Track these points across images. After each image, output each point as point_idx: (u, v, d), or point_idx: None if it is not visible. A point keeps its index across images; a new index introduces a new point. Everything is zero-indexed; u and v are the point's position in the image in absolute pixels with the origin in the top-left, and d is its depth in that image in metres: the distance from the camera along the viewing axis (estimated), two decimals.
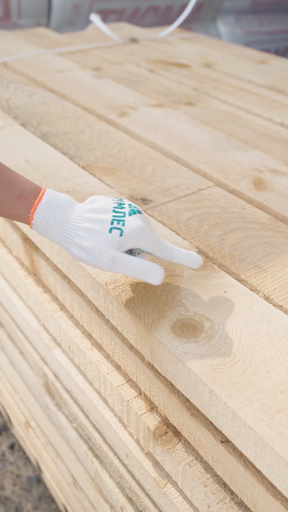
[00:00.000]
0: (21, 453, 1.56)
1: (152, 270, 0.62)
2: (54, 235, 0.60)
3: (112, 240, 0.60)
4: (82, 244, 0.59)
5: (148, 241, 0.62)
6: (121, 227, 0.60)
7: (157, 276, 0.62)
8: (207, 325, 0.63)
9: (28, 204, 0.60)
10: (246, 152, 1.05)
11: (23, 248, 0.94)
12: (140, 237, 0.61)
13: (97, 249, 0.59)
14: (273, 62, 1.66)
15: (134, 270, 0.61)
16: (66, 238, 0.60)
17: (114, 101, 1.29)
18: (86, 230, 0.60)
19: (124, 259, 0.60)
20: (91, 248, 0.59)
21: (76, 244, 0.60)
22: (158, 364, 0.63)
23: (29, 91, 1.36)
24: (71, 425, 0.97)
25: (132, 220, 0.61)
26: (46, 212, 0.60)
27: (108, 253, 0.60)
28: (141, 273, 0.61)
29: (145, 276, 0.62)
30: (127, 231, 0.61)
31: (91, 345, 0.83)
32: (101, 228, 0.60)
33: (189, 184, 0.93)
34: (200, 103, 1.30)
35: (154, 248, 0.63)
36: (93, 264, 0.61)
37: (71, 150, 1.05)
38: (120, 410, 0.77)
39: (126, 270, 0.61)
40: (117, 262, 0.60)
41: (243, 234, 0.80)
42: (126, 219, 0.61)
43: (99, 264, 0.60)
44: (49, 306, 0.91)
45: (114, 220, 0.61)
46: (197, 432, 0.63)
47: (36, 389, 1.08)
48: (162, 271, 0.62)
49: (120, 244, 0.61)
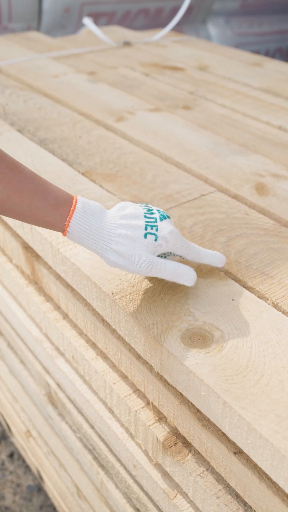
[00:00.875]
0: (21, 461, 1.55)
1: (186, 272, 0.65)
2: (89, 242, 0.61)
3: (148, 245, 0.62)
4: (120, 250, 0.61)
5: (180, 245, 0.65)
6: (155, 232, 0.63)
7: (191, 277, 0.65)
8: (217, 335, 0.62)
9: (63, 212, 0.60)
10: (246, 156, 1.04)
11: (24, 256, 0.93)
12: (173, 241, 0.64)
13: (135, 255, 0.61)
14: (267, 64, 1.65)
15: (170, 273, 0.64)
16: (103, 245, 0.61)
17: (111, 106, 1.28)
18: (122, 236, 0.61)
19: (161, 263, 0.63)
20: (129, 253, 0.61)
21: (113, 250, 0.61)
22: (168, 375, 0.62)
23: (25, 96, 1.35)
24: (75, 435, 0.96)
25: (164, 225, 0.64)
26: (82, 220, 0.60)
27: (145, 258, 0.61)
28: (176, 276, 0.64)
29: (180, 278, 0.64)
30: (161, 236, 0.63)
31: (96, 354, 0.82)
32: (136, 233, 0.61)
33: (191, 190, 0.92)
34: (197, 107, 1.29)
35: (185, 251, 0.66)
36: (130, 269, 0.62)
37: (70, 156, 1.04)
38: (127, 421, 0.76)
39: (162, 274, 0.63)
40: (154, 266, 0.62)
41: (247, 240, 0.79)
42: (158, 225, 0.63)
43: (137, 269, 0.62)
44: (51, 315, 0.90)
45: (147, 226, 0.63)
46: (208, 443, 0.63)
47: (38, 398, 1.07)
48: (195, 273, 0.65)
49: (155, 248, 0.63)
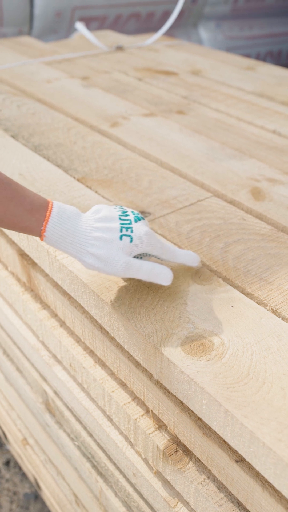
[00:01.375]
0: (17, 469, 1.53)
1: (162, 272, 0.65)
2: (66, 246, 0.62)
3: (124, 246, 0.63)
4: (96, 253, 0.61)
5: (155, 245, 0.66)
6: (130, 234, 0.63)
7: (168, 277, 0.66)
8: (217, 342, 0.62)
9: (39, 217, 0.61)
10: (242, 161, 1.04)
11: (20, 264, 0.93)
12: (148, 242, 0.65)
13: (111, 257, 0.62)
14: (260, 68, 1.66)
15: (147, 273, 0.64)
16: (79, 248, 0.62)
17: (105, 111, 1.28)
18: (98, 239, 0.61)
19: (137, 264, 0.63)
20: (105, 255, 0.61)
21: (90, 253, 0.61)
22: (168, 383, 0.62)
23: (18, 101, 1.34)
24: (73, 443, 0.95)
25: (139, 226, 0.64)
26: (58, 224, 0.61)
27: (122, 259, 0.62)
28: (153, 276, 0.65)
29: (156, 278, 0.65)
30: (137, 237, 0.64)
31: (94, 362, 0.81)
32: (112, 236, 0.62)
33: (187, 195, 0.92)
34: (191, 112, 1.29)
35: (160, 251, 0.67)
36: (107, 271, 0.62)
37: (65, 162, 1.03)
38: (126, 429, 0.76)
39: (139, 274, 0.64)
40: (130, 267, 0.63)
41: (245, 246, 0.79)
42: (133, 226, 0.64)
43: (114, 271, 0.62)
44: (48, 323, 0.89)
45: (122, 228, 0.63)
46: (210, 451, 0.62)
47: (34, 406, 1.06)
48: (171, 273, 0.66)
49: (131, 250, 0.63)
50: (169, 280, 0.66)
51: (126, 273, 0.63)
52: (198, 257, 0.72)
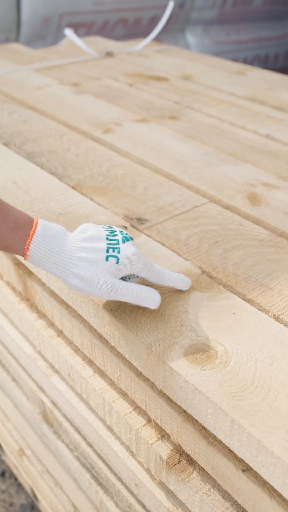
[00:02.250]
0: (13, 480, 1.52)
1: (149, 295, 0.63)
2: (50, 266, 0.60)
3: (110, 268, 0.60)
4: (80, 274, 0.59)
5: (143, 267, 0.63)
6: (117, 255, 0.61)
7: (155, 300, 0.63)
8: (220, 350, 0.61)
9: (23, 236, 0.59)
10: (237, 166, 1.04)
11: (16, 273, 0.91)
12: (136, 264, 0.62)
13: (96, 278, 0.59)
14: (250, 73, 1.66)
15: (133, 296, 0.62)
16: (63, 269, 0.60)
17: (97, 118, 1.27)
18: (83, 260, 0.60)
19: (123, 286, 0.61)
20: (90, 277, 0.59)
21: (74, 274, 0.60)
22: (172, 392, 0.61)
23: (9, 109, 1.33)
24: (72, 454, 0.94)
25: (126, 247, 0.62)
26: (42, 243, 0.59)
27: (107, 281, 0.60)
28: (139, 299, 0.62)
29: (143, 301, 0.63)
30: (124, 258, 0.61)
31: (93, 372, 0.80)
32: (98, 256, 0.60)
33: (184, 202, 0.91)
34: (184, 117, 1.29)
35: (148, 273, 0.65)
36: (91, 293, 0.60)
37: (59, 170, 1.02)
38: (128, 439, 0.75)
39: (125, 297, 0.62)
40: (116, 289, 0.61)
41: (244, 251, 0.79)
42: (120, 247, 0.62)
43: (99, 293, 0.60)
44: (45, 333, 0.88)
45: (109, 248, 0.61)
46: (215, 461, 0.61)
47: (31, 417, 1.05)
48: (159, 296, 0.64)
49: (117, 271, 0.61)
50: (156, 304, 0.64)
51: (111, 295, 0.61)
52: (189, 281, 0.69)
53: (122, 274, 0.62)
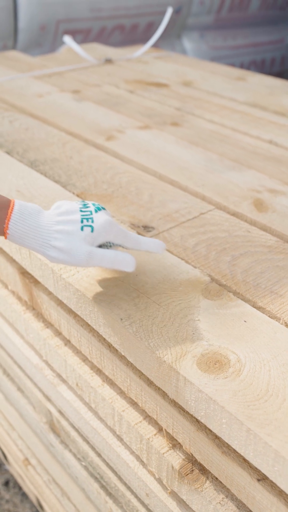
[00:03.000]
0: (17, 489, 1.50)
1: (125, 259, 0.67)
2: (29, 241, 0.63)
3: (85, 237, 0.64)
4: (59, 245, 0.63)
5: (117, 233, 0.67)
6: (91, 224, 0.65)
7: (130, 263, 0.67)
8: (233, 359, 0.61)
9: (1, 216, 0.62)
10: (241, 172, 1.04)
11: (21, 282, 0.91)
12: (110, 230, 0.66)
13: (74, 248, 0.63)
14: (250, 78, 1.66)
15: (110, 261, 0.66)
16: (42, 243, 0.63)
17: (99, 125, 1.27)
18: (60, 232, 0.63)
19: (100, 253, 0.65)
20: (68, 247, 0.63)
21: (53, 246, 0.63)
22: (185, 402, 0.61)
23: (10, 117, 1.33)
24: (80, 464, 0.93)
25: (99, 216, 0.66)
26: (20, 221, 0.63)
27: (84, 249, 0.64)
28: (116, 263, 0.66)
29: (120, 265, 0.67)
30: (97, 226, 0.65)
31: (102, 381, 0.80)
32: (73, 227, 0.64)
33: (190, 209, 0.91)
34: (186, 123, 1.29)
35: (123, 239, 0.68)
36: (71, 262, 0.64)
37: (63, 178, 1.02)
38: (138, 449, 0.74)
39: (102, 263, 0.66)
40: (94, 256, 0.64)
41: (252, 258, 0.78)
42: (94, 216, 0.66)
43: (78, 261, 0.64)
44: (52, 342, 0.87)
45: (83, 219, 0.65)
46: (229, 470, 0.61)
47: (38, 426, 1.04)
48: (134, 259, 0.68)
49: (93, 239, 0.65)
50: (132, 267, 0.67)
51: (89, 262, 0.64)
52: (163, 244, 0.72)
53: (98, 241, 0.66)
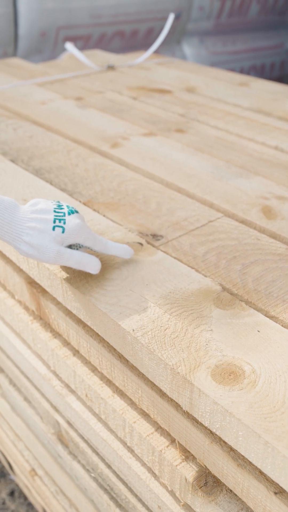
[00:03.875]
0: (22, 499, 1.49)
1: (91, 261, 0.71)
2: (3, 234, 0.67)
3: (56, 236, 0.68)
4: (30, 241, 0.67)
5: (86, 237, 0.71)
6: (62, 225, 0.69)
7: (96, 266, 0.72)
8: (248, 370, 0.60)
9: None
10: (248, 179, 1.03)
11: (29, 292, 0.90)
12: (80, 234, 0.70)
13: (43, 245, 0.67)
14: (253, 84, 1.66)
15: (76, 262, 0.70)
16: (15, 237, 0.67)
17: (104, 132, 1.27)
18: (32, 229, 0.67)
19: (68, 253, 0.69)
20: (38, 244, 0.67)
21: (24, 241, 0.67)
22: (199, 414, 0.60)
23: (14, 124, 1.32)
24: (89, 475, 0.92)
25: (71, 219, 0.70)
26: None
27: (53, 248, 0.67)
28: (82, 264, 0.71)
29: (85, 266, 0.71)
30: (68, 228, 0.69)
31: (112, 392, 0.79)
32: (45, 226, 0.68)
33: (198, 216, 0.90)
34: (191, 130, 1.28)
35: (92, 243, 0.73)
36: (40, 258, 0.68)
37: (69, 186, 1.01)
38: (150, 460, 0.73)
39: (69, 262, 0.70)
40: (61, 255, 0.68)
41: (263, 267, 0.78)
42: (66, 218, 0.70)
43: (46, 258, 0.68)
44: (60, 352, 0.86)
45: (56, 219, 0.69)
46: (245, 483, 0.60)
47: (45, 437, 1.03)
48: (99, 262, 0.72)
49: (63, 240, 0.69)
50: (96, 270, 0.72)
51: (57, 260, 0.68)
52: (131, 250, 0.77)
53: (68, 242, 0.70)
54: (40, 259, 0.68)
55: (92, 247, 0.73)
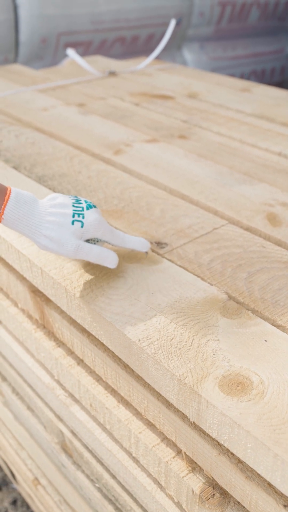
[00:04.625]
0: (25, 508, 1.48)
1: (109, 256, 0.72)
2: (23, 227, 0.68)
3: (75, 231, 0.69)
4: (49, 235, 0.67)
5: (104, 231, 0.72)
6: (81, 220, 0.70)
7: (113, 260, 0.73)
8: (256, 380, 0.59)
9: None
10: (252, 185, 1.02)
11: (32, 301, 0.89)
12: (98, 228, 0.71)
13: (63, 239, 0.68)
14: (255, 89, 1.66)
15: (96, 256, 0.71)
16: (35, 230, 0.68)
17: (106, 138, 1.26)
18: (52, 223, 0.68)
19: (87, 247, 0.70)
20: (58, 237, 0.68)
21: (44, 235, 0.67)
22: (207, 425, 0.59)
23: (16, 131, 1.32)
24: (93, 485, 0.91)
25: (90, 213, 0.71)
26: (15, 208, 0.66)
27: (73, 242, 0.68)
28: (101, 259, 0.72)
29: (104, 261, 0.72)
30: (87, 223, 0.70)
31: (117, 402, 0.78)
32: (65, 220, 0.69)
33: (202, 224, 0.90)
34: (193, 136, 1.28)
35: (110, 237, 0.74)
36: (60, 252, 0.69)
37: (72, 193, 1.01)
38: (156, 472, 0.72)
39: (88, 256, 0.70)
40: (81, 249, 0.69)
41: (269, 275, 0.77)
42: (85, 213, 0.71)
43: (66, 252, 0.69)
44: (64, 362, 0.86)
45: (75, 214, 0.70)
46: (253, 495, 0.59)
47: (49, 446, 1.02)
48: (117, 257, 0.73)
49: (82, 234, 0.70)
50: (114, 264, 0.73)
51: (76, 254, 0.69)
52: (148, 244, 0.78)
53: (87, 237, 0.71)
54: (60, 253, 0.69)
55: (110, 241, 0.74)
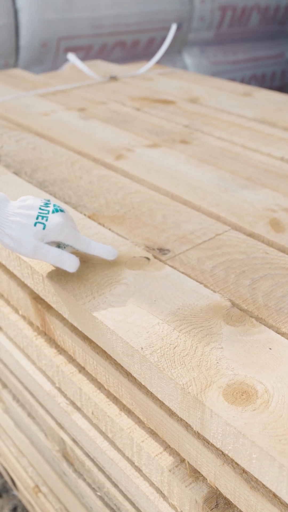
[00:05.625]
0: None
1: (69, 259, 0.73)
2: None
3: (36, 232, 0.71)
4: (11, 234, 0.70)
5: (67, 235, 0.74)
6: (44, 222, 0.72)
7: (73, 265, 0.74)
8: (260, 389, 0.58)
9: None
10: (255, 191, 1.02)
11: (33, 308, 0.89)
12: (60, 231, 0.73)
13: (23, 239, 0.71)
14: (257, 94, 1.65)
15: (54, 258, 0.73)
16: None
17: (107, 143, 1.26)
18: (15, 223, 0.71)
19: (45, 249, 0.72)
20: (18, 237, 0.71)
21: (6, 233, 0.71)
22: (211, 435, 0.58)
23: (16, 136, 1.31)
24: (95, 494, 0.90)
25: (54, 217, 0.73)
26: None
27: (32, 242, 0.71)
28: (59, 262, 0.73)
29: (63, 264, 0.73)
30: (49, 225, 0.72)
31: (119, 410, 0.77)
32: (28, 221, 0.71)
33: (205, 230, 0.89)
34: (195, 141, 1.27)
35: (74, 241, 0.75)
36: (19, 251, 0.71)
37: (73, 199, 1.00)
38: (159, 481, 0.71)
39: (47, 258, 0.72)
40: (39, 250, 0.71)
41: (273, 281, 0.76)
42: (49, 216, 0.73)
43: (24, 251, 0.71)
44: (66, 369, 0.85)
45: (39, 216, 0.72)
46: (258, 506, 0.58)
47: (50, 454, 1.01)
48: (77, 261, 0.74)
49: (43, 236, 0.72)
50: (74, 268, 0.74)
51: (34, 255, 0.71)
52: (115, 252, 0.78)
53: (49, 239, 0.73)
54: (19, 252, 0.71)
55: (74, 245, 0.76)
